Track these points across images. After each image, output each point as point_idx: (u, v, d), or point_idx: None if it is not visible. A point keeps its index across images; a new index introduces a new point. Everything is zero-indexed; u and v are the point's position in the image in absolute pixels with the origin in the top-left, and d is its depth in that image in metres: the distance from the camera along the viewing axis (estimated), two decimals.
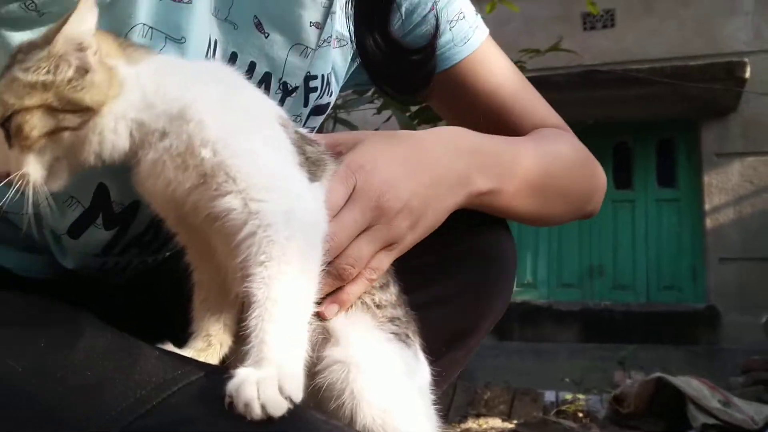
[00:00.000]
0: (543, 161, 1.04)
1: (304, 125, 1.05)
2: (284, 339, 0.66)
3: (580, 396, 4.93)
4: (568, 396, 4.95)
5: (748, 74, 6.45)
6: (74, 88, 0.69)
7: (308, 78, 1.01)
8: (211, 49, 0.91)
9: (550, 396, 5.10)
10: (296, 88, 1.00)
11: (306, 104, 1.03)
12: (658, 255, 7.16)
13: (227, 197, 0.71)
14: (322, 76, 1.03)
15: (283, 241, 0.70)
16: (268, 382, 0.60)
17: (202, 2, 0.88)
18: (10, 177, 0.70)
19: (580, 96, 6.58)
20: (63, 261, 0.96)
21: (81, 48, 0.70)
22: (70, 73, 0.69)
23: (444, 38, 1.12)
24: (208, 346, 0.79)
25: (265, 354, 0.64)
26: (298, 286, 0.70)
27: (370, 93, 3.13)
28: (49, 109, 0.69)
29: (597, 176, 1.17)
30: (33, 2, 0.77)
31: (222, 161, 0.71)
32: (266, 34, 0.95)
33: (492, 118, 1.15)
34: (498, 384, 4.81)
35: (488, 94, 1.15)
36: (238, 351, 0.79)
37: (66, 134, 0.70)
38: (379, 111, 3.36)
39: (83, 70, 0.70)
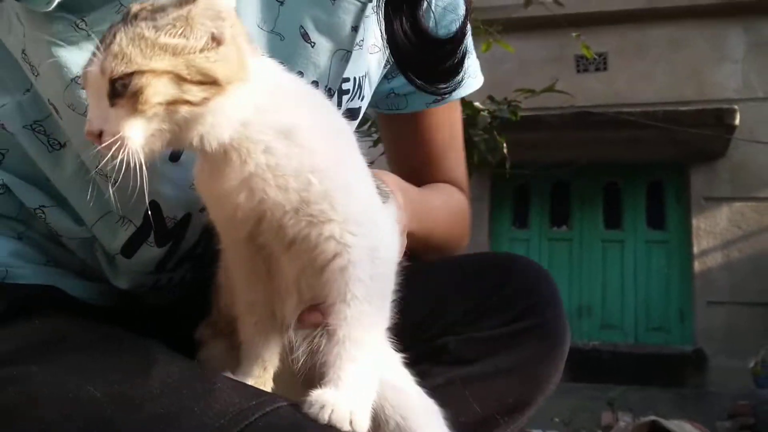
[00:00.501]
0: (440, 215, 1.16)
1: None
2: (360, 378, 0.71)
3: None
4: None
5: (737, 121, 6.56)
6: (207, 59, 0.65)
7: (342, 80, 1.03)
8: None
9: None
10: (334, 92, 1.03)
11: (339, 106, 1.04)
12: (646, 296, 7.17)
13: (328, 225, 0.72)
14: (355, 78, 1.05)
15: (368, 280, 0.73)
16: (343, 401, 0.68)
17: (248, 15, 0.89)
18: (113, 138, 0.65)
19: (573, 136, 6.67)
20: (116, 281, 0.96)
21: (220, 17, 0.66)
22: (204, 41, 0.65)
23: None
24: (264, 371, 0.79)
25: (341, 386, 0.70)
26: (376, 327, 0.75)
27: (366, 126, 3.17)
28: (177, 78, 0.64)
29: (465, 236, 1.27)
30: (83, 21, 0.78)
31: (327, 190, 0.72)
32: (312, 44, 0.96)
33: (425, 162, 1.25)
34: None
35: (433, 139, 1.23)
36: (286, 375, 0.82)
37: (184, 108, 0.65)
38: (375, 144, 3.40)
39: (216, 42, 0.66)
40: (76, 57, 0.80)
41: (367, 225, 0.75)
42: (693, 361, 6.65)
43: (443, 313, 1.04)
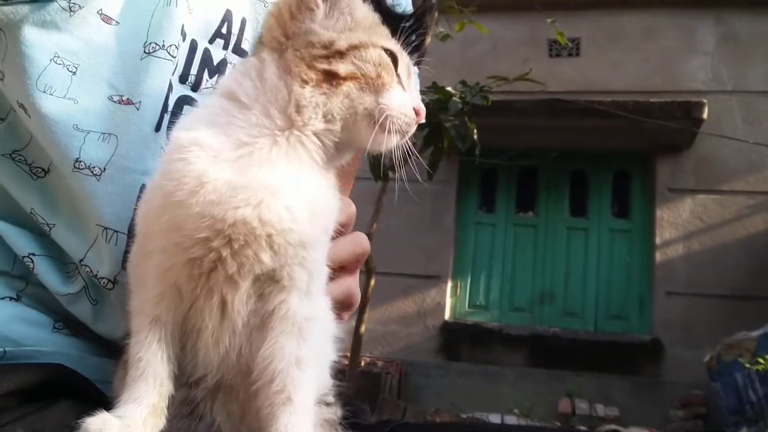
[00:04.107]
0: None
1: None
2: None
3: None
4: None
5: (705, 115, 6.59)
6: None
7: None
8: (234, 25, 0.95)
9: (495, 421, 5.10)
10: None
11: None
12: (608, 284, 7.24)
13: (304, 274, 0.72)
14: None
15: (316, 346, 0.73)
16: None
17: None
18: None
19: (543, 123, 6.64)
20: (97, 326, 0.88)
21: None
22: None
23: None
24: (160, 397, 0.70)
25: None
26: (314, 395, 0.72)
27: None
28: None
29: None
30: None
31: (320, 246, 0.76)
32: None
33: None
34: (447, 410, 4.78)
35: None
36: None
37: None
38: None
39: None
40: (55, 37, 0.81)
41: (322, 294, 0.74)
42: (650, 350, 6.75)
43: None
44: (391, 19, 1.04)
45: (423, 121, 0.72)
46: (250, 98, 0.71)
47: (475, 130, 4.25)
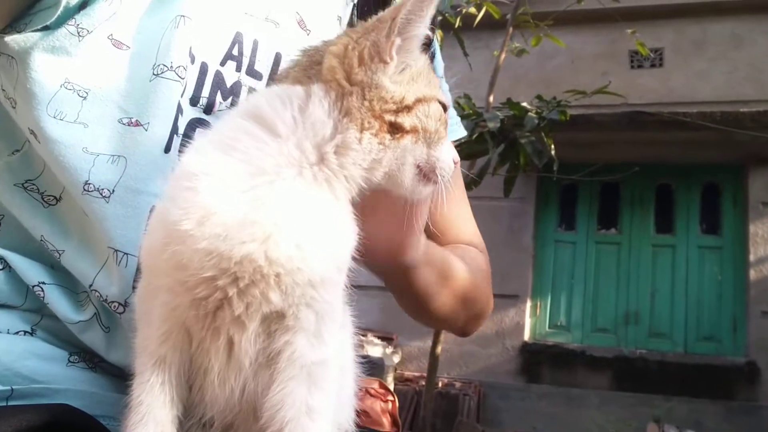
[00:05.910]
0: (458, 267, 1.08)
1: None
2: None
3: None
4: None
5: None
6: None
7: None
8: (246, 47, 0.93)
9: None
10: None
11: None
12: (697, 304, 6.90)
13: (312, 315, 0.68)
14: None
15: (331, 392, 0.69)
16: None
17: (235, 2, 0.93)
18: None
19: (625, 137, 6.45)
20: (110, 355, 0.87)
21: None
22: None
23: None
24: None
25: None
26: None
27: None
28: None
29: (487, 300, 1.19)
30: (74, 20, 0.82)
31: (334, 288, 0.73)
32: (308, 32, 0.97)
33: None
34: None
35: None
36: None
37: None
38: None
39: None
40: (65, 62, 0.82)
41: (336, 337, 0.70)
42: (745, 373, 6.39)
43: None
44: None
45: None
46: (287, 128, 0.67)
47: (553, 146, 4.15)
